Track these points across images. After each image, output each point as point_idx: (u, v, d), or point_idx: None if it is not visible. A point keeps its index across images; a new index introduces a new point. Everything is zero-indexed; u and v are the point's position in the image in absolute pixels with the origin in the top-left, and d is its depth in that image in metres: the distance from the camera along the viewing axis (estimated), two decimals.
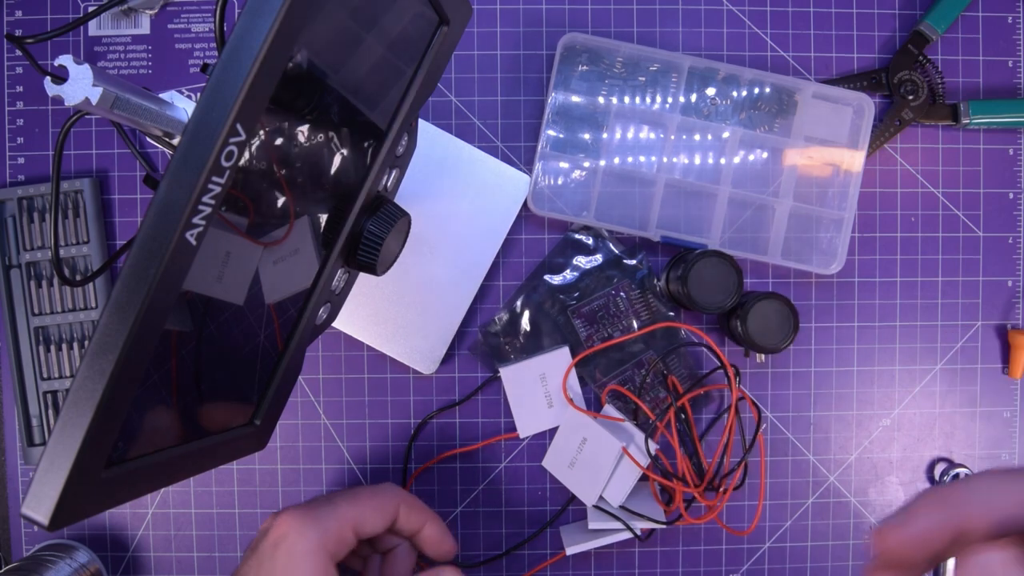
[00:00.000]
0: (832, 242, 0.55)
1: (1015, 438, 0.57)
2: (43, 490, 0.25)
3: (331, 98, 0.35)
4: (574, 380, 0.55)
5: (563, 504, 0.56)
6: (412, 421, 0.56)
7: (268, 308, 0.36)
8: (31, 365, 0.54)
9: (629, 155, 0.56)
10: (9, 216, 0.55)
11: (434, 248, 0.55)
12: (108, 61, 0.56)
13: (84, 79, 0.34)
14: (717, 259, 0.51)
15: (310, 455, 0.56)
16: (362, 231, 0.40)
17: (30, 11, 0.56)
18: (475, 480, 0.56)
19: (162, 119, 0.39)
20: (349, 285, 0.45)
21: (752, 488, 0.56)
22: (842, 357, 0.57)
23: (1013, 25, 0.57)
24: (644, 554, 0.56)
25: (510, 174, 0.54)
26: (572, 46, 0.55)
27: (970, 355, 0.57)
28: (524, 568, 0.56)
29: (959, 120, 0.56)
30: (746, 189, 0.55)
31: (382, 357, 0.56)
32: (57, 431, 0.25)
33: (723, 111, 0.55)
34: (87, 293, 0.55)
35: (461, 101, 0.56)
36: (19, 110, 0.56)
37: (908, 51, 0.56)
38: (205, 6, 0.56)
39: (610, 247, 0.55)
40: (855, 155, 0.55)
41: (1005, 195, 0.57)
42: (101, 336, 0.25)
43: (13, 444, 0.55)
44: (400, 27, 0.37)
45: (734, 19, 0.57)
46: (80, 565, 0.52)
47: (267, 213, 0.33)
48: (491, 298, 0.56)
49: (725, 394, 0.56)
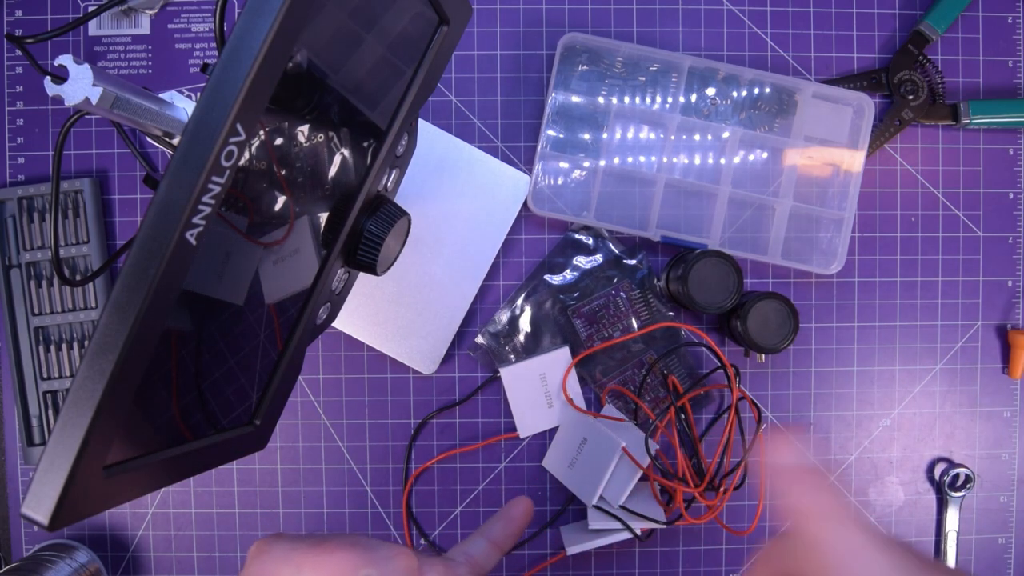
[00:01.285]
0: (832, 242, 0.55)
1: (1015, 438, 0.57)
2: (43, 490, 0.25)
3: (331, 98, 0.35)
4: (574, 380, 0.55)
5: (563, 504, 0.56)
6: (412, 421, 0.56)
7: (268, 308, 0.36)
8: (31, 365, 0.54)
9: (629, 155, 0.56)
10: (9, 216, 0.55)
11: (434, 248, 0.55)
12: (108, 61, 0.56)
13: (84, 79, 0.34)
14: (717, 259, 0.51)
15: (310, 455, 0.56)
16: (362, 231, 0.40)
17: (30, 11, 0.56)
18: (475, 480, 0.56)
19: (162, 119, 0.39)
20: (349, 285, 0.45)
21: (752, 488, 0.56)
22: (842, 357, 0.57)
23: (1013, 25, 0.57)
24: (644, 554, 0.56)
25: (510, 174, 0.54)
26: (572, 46, 0.55)
27: (970, 355, 0.57)
28: (524, 568, 0.56)
29: (959, 120, 0.56)
30: (746, 189, 0.55)
31: (382, 357, 0.56)
32: (57, 431, 0.25)
33: (723, 111, 0.55)
34: (87, 293, 0.55)
35: (461, 101, 0.56)
36: (19, 110, 0.56)
37: (908, 51, 0.56)
38: (205, 6, 0.56)
39: (610, 247, 0.55)
40: (855, 155, 0.55)
41: (1005, 195, 0.57)
42: (101, 336, 0.25)
43: (13, 444, 0.55)
44: (400, 27, 0.37)
45: (734, 19, 0.57)
46: (80, 565, 0.52)
47: (267, 213, 0.33)
48: (491, 298, 0.56)
49: (725, 394, 0.56)
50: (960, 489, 0.55)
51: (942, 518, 0.56)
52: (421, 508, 0.56)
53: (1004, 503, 0.57)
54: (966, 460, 0.57)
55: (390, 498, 0.56)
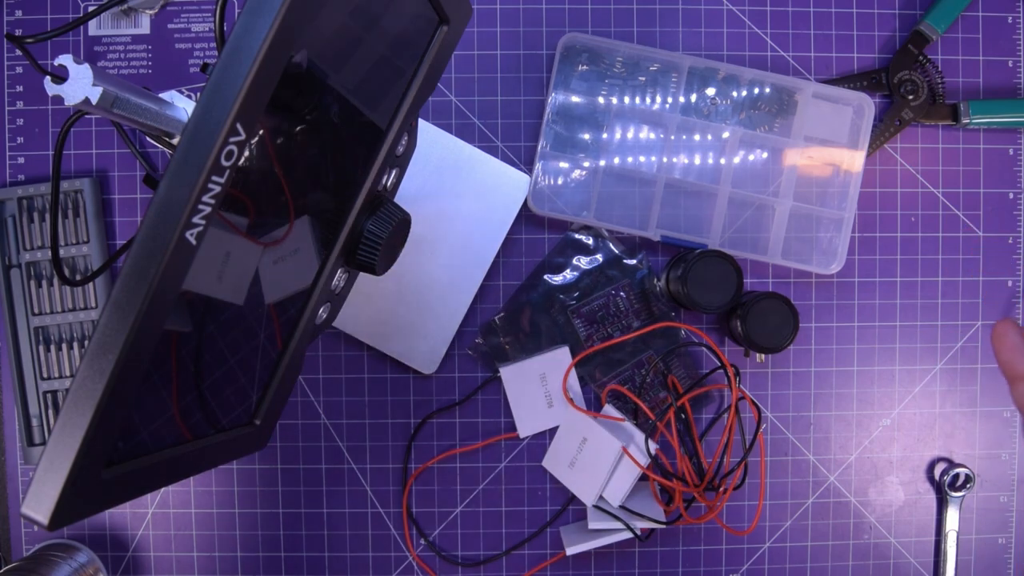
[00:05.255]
0: (832, 242, 0.55)
1: (1015, 438, 0.57)
2: (43, 490, 0.25)
3: (331, 98, 0.35)
4: (574, 380, 0.55)
5: (563, 504, 0.56)
6: (412, 421, 0.56)
7: (268, 308, 0.36)
8: (31, 365, 0.54)
9: (629, 155, 0.56)
10: (9, 216, 0.55)
11: (434, 248, 0.55)
12: (108, 61, 0.56)
13: (84, 79, 0.34)
14: (717, 259, 0.51)
15: (310, 455, 0.56)
16: (362, 231, 0.40)
17: (30, 11, 0.56)
18: (475, 480, 0.56)
19: (162, 119, 0.39)
20: (349, 285, 0.45)
21: (752, 488, 0.56)
22: (842, 357, 0.57)
23: (1013, 25, 0.57)
24: (644, 554, 0.56)
25: (510, 174, 0.54)
26: (572, 46, 0.55)
27: (970, 355, 0.57)
28: (524, 568, 0.56)
29: (959, 120, 0.56)
30: (746, 189, 0.55)
31: (382, 357, 0.56)
32: (57, 431, 0.25)
33: (723, 111, 0.55)
34: (87, 293, 0.55)
35: (461, 101, 0.56)
36: (19, 110, 0.56)
37: (908, 51, 0.56)
38: (205, 6, 0.56)
39: (610, 247, 0.55)
40: (855, 155, 0.55)
41: (1005, 195, 0.57)
42: (101, 336, 0.25)
43: (13, 444, 0.55)
44: (400, 27, 0.37)
45: (734, 19, 0.57)
46: (80, 565, 0.52)
47: (267, 213, 0.33)
48: (491, 298, 0.56)
49: (725, 394, 0.56)
50: (960, 489, 0.55)
51: (942, 518, 0.56)
52: (421, 508, 0.56)
53: (1004, 503, 0.57)
54: (966, 460, 0.57)
55: (390, 498, 0.56)
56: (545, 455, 0.55)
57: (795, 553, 0.56)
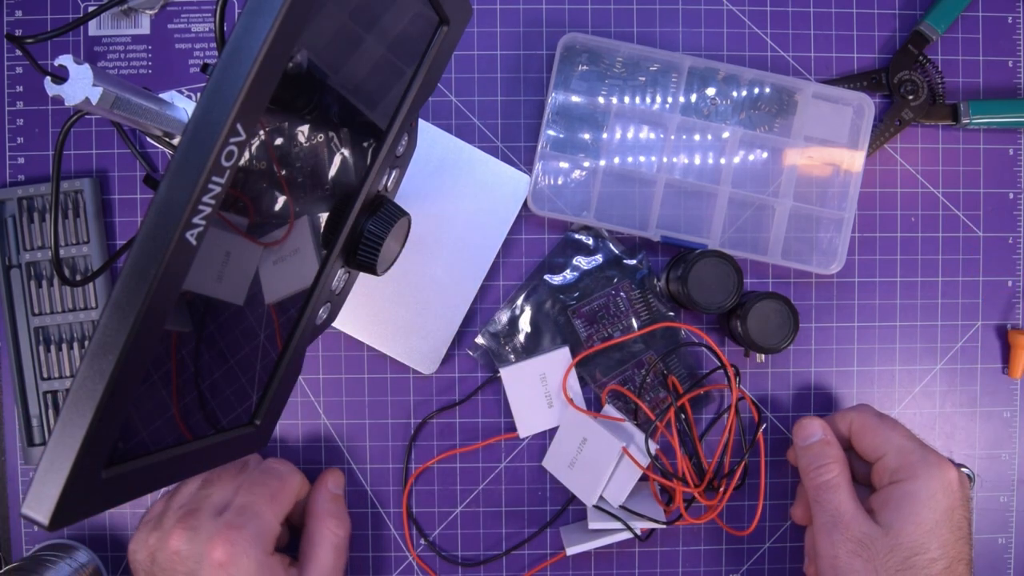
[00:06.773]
0: (832, 242, 0.55)
1: (1015, 438, 0.57)
2: (43, 490, 0.25)
3: (331, 98, 0.35)
4: (574, 380, 0.55)
5: (563, 504, 0.56)
6: (412, 421, 0.56)
7: (268, 308, 0.36)
8: (31, 365, 0.54)
9: (629, 155, 0.56)
10: (9, 216, 0.55)
11: (434, 248, 0.55)
12: (108, 61, 0.56)
13: (84, 79, 0.34)
14: (717, 259, 0.51)
15: (310, 455, 0.56)
16: (362, 231, 0.40)
17: (30, 11, 0.56)
18: (475, 480, 0.56)
19: (162, 119, 0.39)
20: (349, 285, 0.45)
21: (752, 488, 0.56)
22: (842, 357, 0.57)
23: (1013, 25, 0.57)
24: (644, 554, 0.56)
25: (510, 174, 0.55)
26: (572, 46, 0.55)
27: (970, 355, 0.57)
28: (524, 568, 0.56)
29: (959, 120, 0.56)
30: (746, 189, 0.55)
31: (382, 357, 0.56)
32: (57, 431, 0.25)
33: (723, 111, 0.55)
34: (87, 293, 0.55)
35: (461, 101, 0.56)
36: (19, 110, 0.56)
37: (908, 51, 0.56)
38: (205, 6, 0.56)
39: (610, 247, 0.55)
40: (855, 155, 0.55)
41: (1005, 195, 0.57)
42: (101, 336, 0.25)
43: (13, 444, 0.55)
44: (400, 27, 0.37)
45: (734, 19, 0.57)
46: (80, 565, 0.52)
47: (267, 213, 0.33)
48: (491, 298, 0.56)
49: (725, 394, 0.56)
50: None
51: None
52: (421, 508, 0.56)
53: (1004, 503, 0.57)
54: (966, 460, 0.57)
55: (390, 498, 0.56)
56: (545, 455, 0.55)
57: (795, 553, 0.56)
